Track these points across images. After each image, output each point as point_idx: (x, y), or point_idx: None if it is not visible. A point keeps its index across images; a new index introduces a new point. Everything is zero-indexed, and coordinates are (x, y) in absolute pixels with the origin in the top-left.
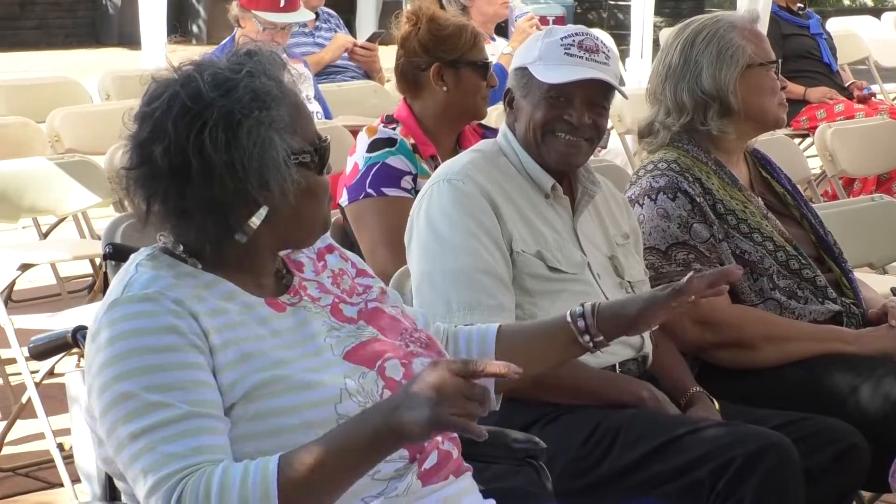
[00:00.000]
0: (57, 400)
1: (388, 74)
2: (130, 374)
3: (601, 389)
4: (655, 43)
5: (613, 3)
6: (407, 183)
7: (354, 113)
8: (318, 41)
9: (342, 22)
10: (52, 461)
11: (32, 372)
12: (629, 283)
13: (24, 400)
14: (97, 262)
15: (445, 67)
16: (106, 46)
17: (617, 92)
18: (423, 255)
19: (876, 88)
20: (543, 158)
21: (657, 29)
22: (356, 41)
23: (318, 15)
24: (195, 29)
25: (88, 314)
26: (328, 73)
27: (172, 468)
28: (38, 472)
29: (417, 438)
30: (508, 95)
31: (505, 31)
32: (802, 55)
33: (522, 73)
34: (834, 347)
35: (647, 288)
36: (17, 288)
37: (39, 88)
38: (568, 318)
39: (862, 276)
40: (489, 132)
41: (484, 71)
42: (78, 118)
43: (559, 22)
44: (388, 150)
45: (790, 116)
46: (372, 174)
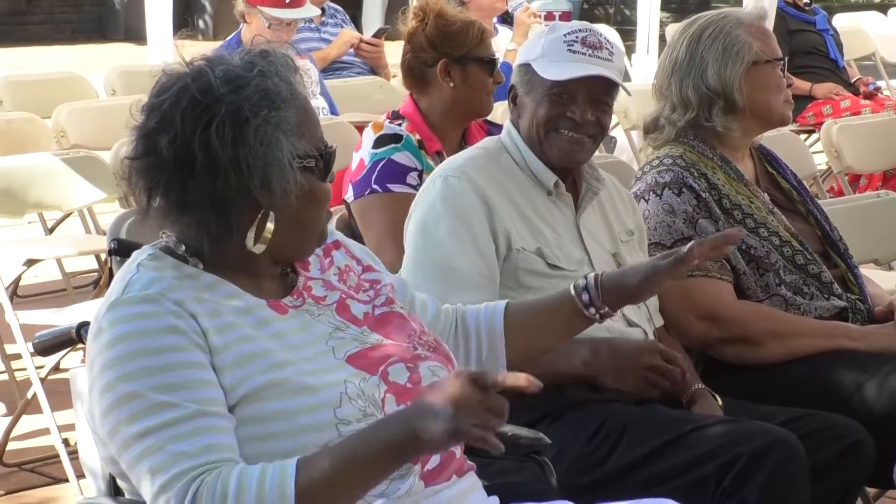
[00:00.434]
0: (62, 395)
1: (394, 70)
2: (135, 375)
3: (551, 363)
4: (662, 39)
5: None
6: (412, 179)
7: (360, 109)
8: (323, 37)
9: (348, 17)
10: (57, 457)
11: (38, 367)
12: (630, 265)
13: (29, 395)
14: (103, 257)
15: (452, 64)
16: (112, 42)
17: (622, 88)
18: (410, 243)
19: (882, 84)
20: (546, 155)
21: (664, 25)
22: (362, 37)
23: (323, 10)
24: (201, 24)
25: (94, 310)
26: (334, 69)
27: (184, 466)
28: (43, 467)
29: (436, 448)
30: (512, 92)
31: (511, 22)
32: (809, 51)
33: (526, 69)
34: (840, 344)
35: None
36: (22, 283)
37: (45, 83)
38: (572, 291)
39: (867, 272)
40: (494, 128)
41: (491, 67)
42: (84, 113)
43: (565, 17)
44: (393, 146)
45: (796, 112)
46: (377, 170)
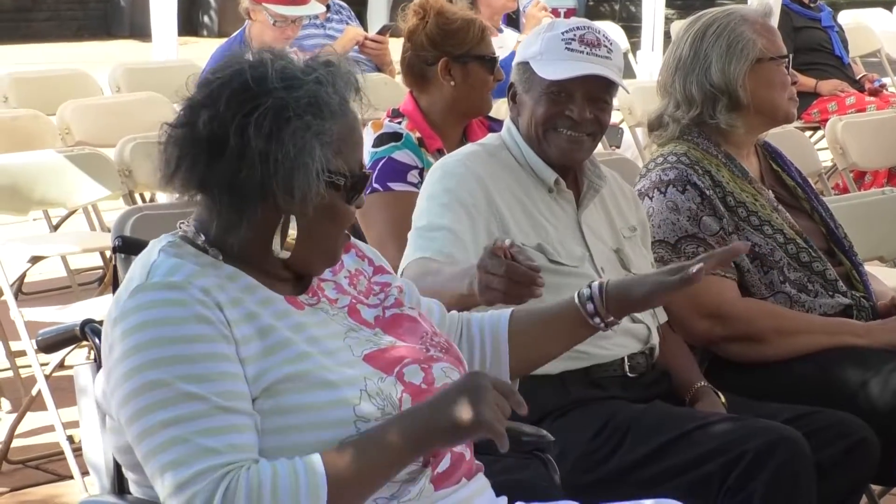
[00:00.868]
0: (67, 392)
1: (398, 67)
2: (161, 362)
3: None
4: (667, 35)
5: None
6: (413, 177)
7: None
8: (328, 33)
9: (353, 14)
10: (61, 453)
11: (42, 364)
12: (636, 274)
13: (34, 392)
14: (107, 254)
15: (453, 62)
16: (117, 39)
17: (625, 84)
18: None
19: (887, 81)
20: (546, 154)
21: (668, 21)
22: (367, 34)
23: (328, 7)
24: (206, 21)
25: (98, 307)
26: None
27: (210, 463)
28: (47, 464)
29: (460, 438)
30: (512, 90)
31: (516, 21)
32: (814, 48)
33: (525, 67)
34: (845, 341)
35: None
36: (27, 280)
37: (50, 80)
38: (577, 300)
39: (872, 269)
40: (496, 124)
41: (491, 65)
42: (88, 111)
43: (570, 14)
44: (393, 144)
45: (801, 109)
46: (378, 169)
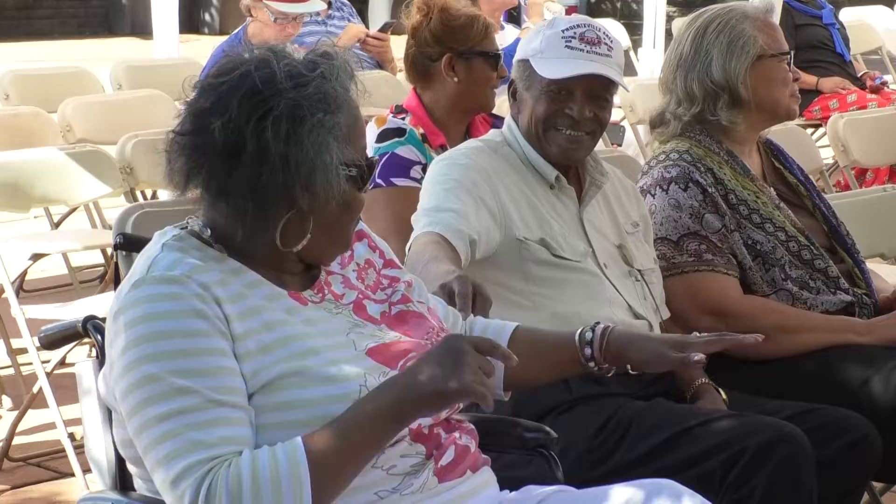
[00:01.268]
0: (68, 390)
1: (400, 64)
2: (156, 356)
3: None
4: (668, 33)
5: None
6: (416, 173)
7: (366, 103)
8: (330, 30)
9: (354, 11)
10: (63, 451)
11: (44, 362)
12: (638, 271)
13: (35, 390)
14: (108, 251)
15: (457, 58)
16: (118, 36)
17: (625, 81)
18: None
19: (889, 78)
20: (546, 151)
21: (670, 19)
22: (368, 31)
23: (330, 4)
24: (207, 19)
25: (100, 304)
26: None
27: (199, 457)
28: (49, 461)
29: (438, 402)
30: (512, 87)
31: (517, 19)
32: (815, 45)
33: (525, 65)
34: (847, 338)
35: (656, 276)
36: (28, 278)
37: (52, 78)
38: (576, 341)
39: (874, 266)
40: (499, 121)
41: (495, 62)
42: (90, 108)
43: (571, 12)
44: (396, 140)
45: (802, 106)
46: (381, 164)
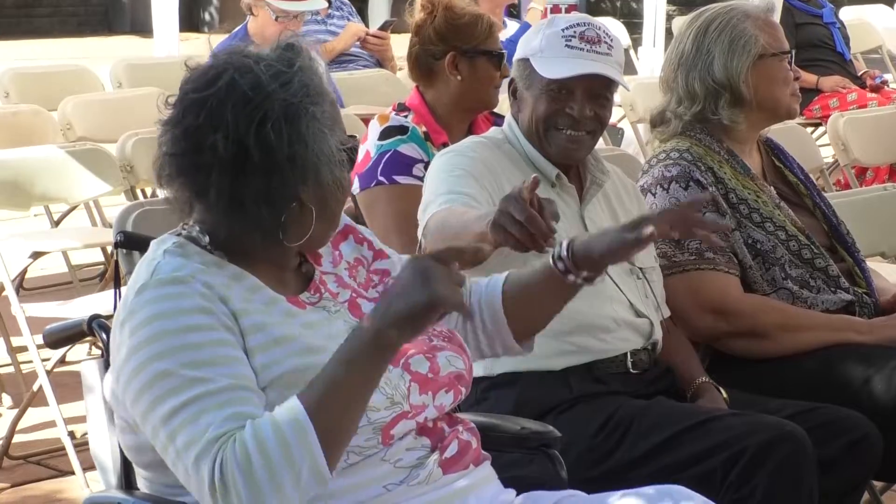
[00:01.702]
0: (69, 388)
1: (400, 63)
2: (165, 353)
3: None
4: (668, 31)
5: None
6: (419, 171)
7: (366, 101)
8: (330, 29)
9: (354, 10)
10: (63, 449)
11: (44, 360)
12: (640, 269)
13: (35, 388)
14: (108, 250)
15: (460, 56)
16: (118, 34)
17: (627, 80)
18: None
19: (889, 77)
20: (546, 151)
21: (670, 17)
22: (368, 30)
23: (330, 3)
24: (207, 17)
25: (100, 302)
26: (340, 61)
27: (212, 434)
28: (49, 459)
29: (417, 323)
30: (512, 86)
31: (517, 16)
32: (815, 44)
33: (525, 64)
34: (847, 337)
35: (657, 275)
36: (28, 276)
37: (51, 76)
38: (552, 264)
39: (874, 265)
40: (500, 120)
41: (498, 61)
42: (90, 106)
43: (571, 10)
44: (399, 137)
45: (802, 105)
46: (383, 162)
